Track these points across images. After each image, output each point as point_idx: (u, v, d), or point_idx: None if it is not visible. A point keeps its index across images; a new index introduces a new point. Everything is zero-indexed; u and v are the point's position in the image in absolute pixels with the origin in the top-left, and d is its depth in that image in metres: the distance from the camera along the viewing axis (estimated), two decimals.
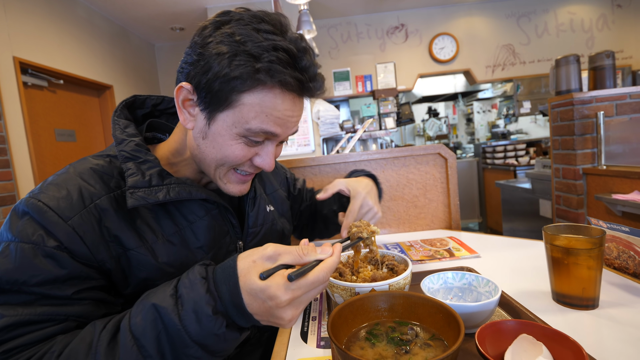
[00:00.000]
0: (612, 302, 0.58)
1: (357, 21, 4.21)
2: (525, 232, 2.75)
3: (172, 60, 4.47)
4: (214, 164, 0.55)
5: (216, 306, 0.41)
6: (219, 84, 0.49)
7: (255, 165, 0.57)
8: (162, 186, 0.53)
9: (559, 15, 4.17)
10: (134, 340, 0.40)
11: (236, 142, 0.53)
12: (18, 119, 2.38)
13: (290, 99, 0.52)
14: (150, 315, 0.41)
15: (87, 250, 0.48)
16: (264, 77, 0.48)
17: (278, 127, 0.53)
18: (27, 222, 0.46)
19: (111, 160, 0.56)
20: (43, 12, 2.70)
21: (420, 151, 1.24)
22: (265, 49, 0.47)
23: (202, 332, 0.40)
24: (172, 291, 0.42)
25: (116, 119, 0.58)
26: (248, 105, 0.50)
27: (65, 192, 0.49)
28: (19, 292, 0.43)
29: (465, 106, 5.69)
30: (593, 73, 1.91)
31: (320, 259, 0.43)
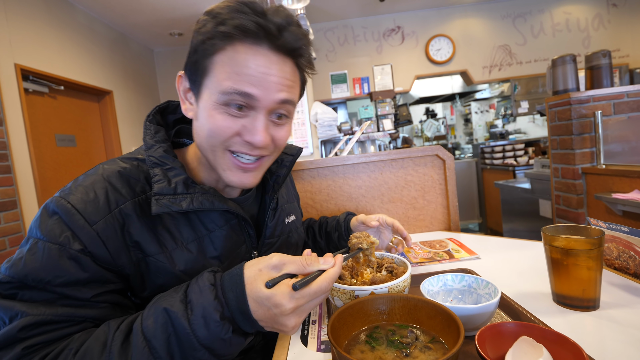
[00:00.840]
0: (613, 303, 0.58)
1: (354, 24, 4.23)
2: (525, 233, 2.75)
3: (171, 65, 4.48)
4: (207, 146, 0.54)
5: (223, 312, 0.43)
6: (195, 56, 0.51)
7: (247, 143, 0.53)
8: (186, 195, 0.54)
9: (554, 16, 4.19)
10: (146, 342, 0.41)
11: (217, 112, 0.51)
12: (19, 125, 2.38)
13: (262, 54, 0.49)
14: (162, 319, 0.42)
15: (109, 255, 0.49)
16: (225, 29, 0.48)
17: (253, 87, 0.49)
18: (56, 222, 0.47)
19: (139, 164, 0.57)
20: (44, 19, 2.72)
21: (418, 153, 1.24)
22: (224, 7, 0.49)
23: (210, 336, 0.42)
24: (182, 296, 0.44)
25: (148, 124, 0.59)
26: (219, 66, 0.49)
27: (92, 195, 0.50)
28: (43, 290, 0.45)
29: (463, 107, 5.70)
30: (590, 72, 1.92)
31: (323, 269, 0.45)
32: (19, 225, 2.27)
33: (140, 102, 4.02)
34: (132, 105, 3.84)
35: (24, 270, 0.45)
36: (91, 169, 0.56)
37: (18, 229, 2.27)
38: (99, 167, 0.55)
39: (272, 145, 0.56)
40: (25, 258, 0.45)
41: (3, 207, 2.17)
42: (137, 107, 3.94)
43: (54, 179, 2.79)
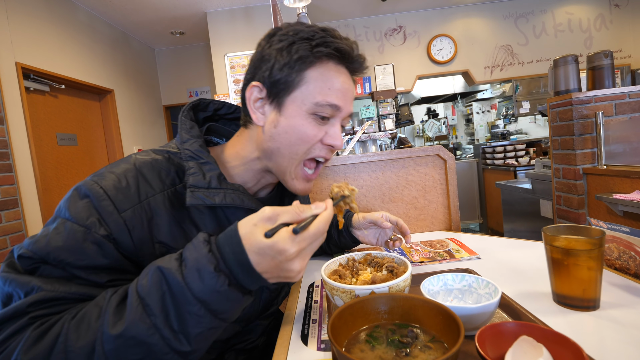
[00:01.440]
0: (613, 303, 0.58)
1: (356, 23, 4.23)
2: (526, 233, 2.74)
3: (172, 64, 4.49)
4: (288, 152, 0.58)
5: (218, 265, 0.42)
6: (284, 71, 0.56)
7: (326, 146, 0.60)
8: (219, 189, 0.56)
9: (556, 16, 4.18)
10: (140, 299, 0.41)
11: (306, 120, 0.57)
12: (20, 124, 2.39)
13: (344, 73, 0.59)
14: (156, 277, 0.42)
15: (132, 245, 0.50)
16: (321, 49, 0.55)
17: (340, 100, 0.57)
18: (85, 204, 0.49)
19: (170, 157, 0.59)
20: (45, 17, 2.72)
21: (420, 153, 1.24)
22: (315, 31, 0.56)
23: (205, 288, 0.41)
24: (177, 256, 0.44)
25: (183, 119, 0.62)
26: (312, 81, 0.56)
27: (125, 183, 0.52)
28: (61, 269, 0.46)
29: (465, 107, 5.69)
30: (592, 73, 1.91)
31: (316, 213, 0.46)
32: (20, 223, 2.28)
33: (142, 101, 4.03)
34: (134, 104, 3.85)
35: (46, 248, 0.45)
36: (124, 158, 0.58)
37: (19, 227, 2.28)
38: (132, 157, 0.57)
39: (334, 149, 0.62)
40: (49, 236, 0.46)
41: (4, 205, 2.18)
42: (138, 106, 3.95)
43: (55, 178, 2.79)
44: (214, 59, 3.53)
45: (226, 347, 0.66)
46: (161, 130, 4.43)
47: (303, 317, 0.66)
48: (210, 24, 3.52)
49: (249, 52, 3.51)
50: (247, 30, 3.52)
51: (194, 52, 4.45)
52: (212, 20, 3.52)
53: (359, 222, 0.87)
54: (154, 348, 0.41)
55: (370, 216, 0.85)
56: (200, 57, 4.43)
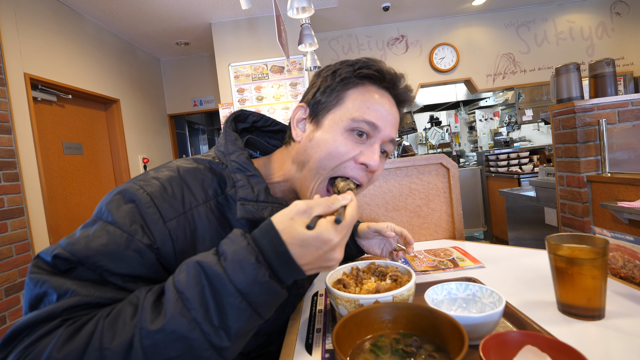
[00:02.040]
0: (618, 312, 0.58)
1: (358, 33, 4.28)
2: (531, 241, 2.72)
3: (177, 74, 4.55)
4: (316, 166, 0.58)
5: (258, 257, 0.42)
6: (327, 92, 0.59)
7: (359, 166, 0.59)
8: (267, 204, 0.56)
9: (558, 24, 4.21)
10: (178, 294, 0.40)
11: (341, 136, 0.57)
12: (27, 133, 2.43)
13: (386, 98, 0.61)
14: (194, 271, 0.41)
15: (174, 256, 0.50)
16: (363, 70, 0.58)
17: (378, 119, 0.58)
18: (130, 209, 0.48)
19: (212, 167, 0.59)
20: (53, 29, 2.78)
21: (422, 161, 1.25)
22: (359, 60, 0.61)
23: (247, 279, 0.40)
24: (214, 251, 0.43)
25: (228, 130, 0.63)
26: (351, 100, 0.58)
27: (170, 191, 0.52)
28: (98, 274, 0.45)
29: (467, 114, 5.70)
30: (594, 81, 1.92)
31: (345, 204, 0.47)
32: (25, 232, 2.30)
33: (147, 110, 4.08)
34: (139, 113, 3.89)
35: (86, 250, 0.44)
36: (166, 164, 0.58)
37: (25, 236, 2.29)
38: (174, 163, 0.58)
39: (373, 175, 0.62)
40: (89, 238, 0.45)
41: (10, 214, 2.20)
42: (144, 115, 3.99)
43: (61, 187, 2.82)
44: (219, 68, 3.58)
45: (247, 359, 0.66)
46: (166, 139, 4.48)
47: (307, 326, 0.66)
48: (214, 35, 3.58)
49: (252, 62, 3.55)
50: (250, 41, 3.57)
51: (198, 62, 4.51)
52: (217, 31, 3.58)
53: (364, 232, 0.87)
54: (194, 343, 0.39)
55: (375, 225, 0.85)
56: (204, 67, 4.49)
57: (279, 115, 3.56)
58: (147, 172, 0.55)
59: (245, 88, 3.56)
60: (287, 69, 3.55)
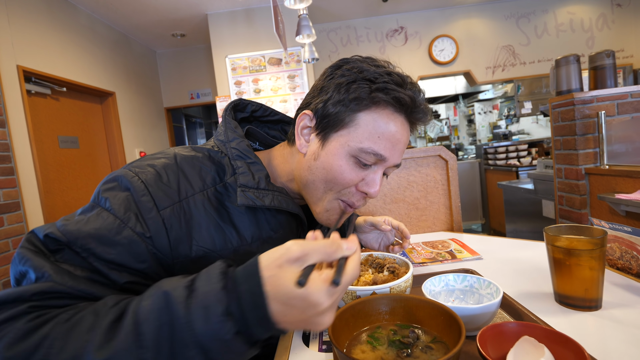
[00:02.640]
0: (615, 303, 0.58)
1: (357, 25, 4.23)
2: (528, 233, 2.73)
3: (173, 66, 4.50)
4: (323, 187, 0.57)
5: (229, 307, 0.36)
6: (337, 107, 0.54)
7: (360, 192, 0.57)
8: (268, 191, 0.56)
9: (558, 16, 4.18)
10: (136, 325, 0.36)
11: (346, 162, 0.55)
12: (22, 127, 2.40)
13: (400, 121, 0.56)
14: (159, 302, 0.37)
15: (168, 245, 0.49)
16: (379, 95, 0.53)
17: (387, 150, 0.55)
18: (126, 197, 0.47)
19: (210, 155, 0.58)
20: (46, 20, 2.74)
21: (421, 153, 1.24)
22: (379, 74, 0.54)
23: (208, 332, 0.35)
24: (189, 283, 0.38)
25: (227, 118, 0.61)
26: (362, 125, 0.54)
27: (165, 179, 0.51)
28: (83, 259, 0.43)
29: (466, 107, 5.68)
30: (593, 73, 1.91)
31: (347, 255, 0.40)
32: (22, 226, 2.29)
33: (143, 103, 4.04)
34: (135, 106, 3.86)
35: (77, 232, 0.44)
36: (163, 151, 0.57)
37: (21, 230, 2.28)
38: (171, 150, 0.56)
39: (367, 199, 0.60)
40: (84, 221, 0.45)
41: (6, 208, 2.19)
42: (140, 109, 3.96)
43: (57, 181, 2.80)
44: (215, 60, 3.54)
45: None
46: (162, 133, 4.45)
47: None
48: (211, 26, 3.54)
49: (250, 53, 3.52)
50: (248, 32, 3.53)
51: (195, 54, 4.46)
52: (213, 22, 3.53)
53: (361, 226, 0.86)
54: None
55: (372, 219, 0.85)
56: (201, 59, 4.45)
57: (276, 108, 3.54)
58: (144, 158, 0.55)
59: (243, 80, 3.53)
60: (284, 61, 3.51)
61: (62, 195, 2.83)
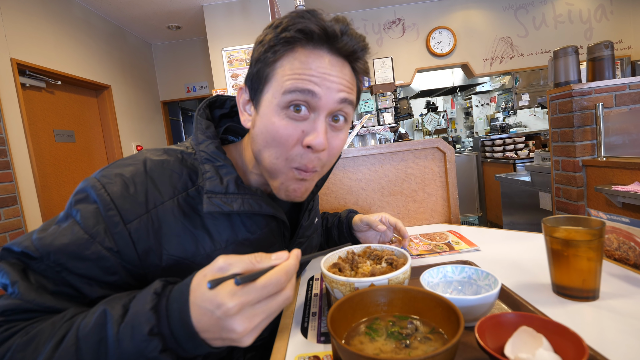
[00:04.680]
0: (612, 293, 0.58)
1: (354, 16, 4.19)
2: (525, 225, 2.75)
3: (169, 59, 4.45)
4: (267, 155, 0.52)
5: (157, 325, 0.38)
6: (257, 66, 0.51)
7: (307, 149, 0.51)
8: (237, 195, 0.53)
9: (557, 7, 4.15)
10: (76, 341, 0.38)
11: (279, 117, 0.50)
12: (17, 121, 2.37)
13: (322, 57, 0.49)
14: (98, 320, 0.39)
15: (137, 257, 0.48)
16: (286, 34, 0.48)
17: (315, 85, 0.48)
18: (93, 211, 0.47)
19: (183, 158, 0.56)
20: (39, 12, 2.69)
21: (419, 145, 1.24)
22: (285, 16, 0.50)
23: (133, 350, 0.37)
24: (127, 301, 0.41)
25: (199, 119, 0.58)
26: (280, 72, 0.49)
27: (132, 190, 0.50)
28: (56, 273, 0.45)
29: (464, 100, 5.67)
30: (592, 64, 1.90)
31: (275, 264, 0.39)
32: (19, 221, 2.28)
33: (139, 96, 4.00)
34: (131, 100, 3.82)
35: (49, 247, 0.45)
36: (134, 156, 0.55)
37: (19, 224, 2.27)
38: (142, 155, 0.54)
39: (326, 153, 0.53)
40: (56, 236, 0.46)
41: (3, 203, 2.18)
42: (136, 102, 3.92)
43: (54, 175, 2.78)
44: (212, 53, 3.50)
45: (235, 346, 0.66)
46: (159, 127, 4.41)
47: (303, 310, 0.66)
48: (207, 18, 3.49)
49: (246, 46, 3.48)
50: (244, 24, 3.49)
51: (191, 46, 4.41)
52: (209, 13, 3.49)
53: (357, 225, 0.86)
54: None
55: (367, 218, 0.84)
56: (197, 51, 4.40)
57: None
58: (115, 164, 0.53)
59: (239, 73, 3.49)
60: None
61: (59, 190, 2.81)
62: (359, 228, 0.86)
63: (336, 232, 0.91)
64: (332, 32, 0.49)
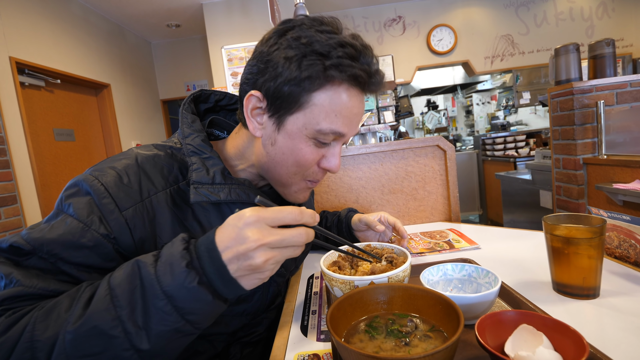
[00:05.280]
0: (613, 291, 0.58)
1: (354, 14, 4.18)
2: (525, 224, 2.75)
3: (168, 57, 4.44)
4: (285, 172, 0.56)
5: (191, 262, 0.40)
6: (290, 87, 0.50)
7: (322, 169, 0.58)
8: (224, 185, 0.54)
9: (558, 4, 4.13)
10: (109, 289, 0.40)
11: (306, 144, 0.54)
12: (16, 120, 2.37)
13: (355, 95, 0.53)
14: (130, 269, 0.41)
15: (133, 244, 0.49)
16: (334, 73, 0.49)
17: (346, 127, 0.54)
18: (87, 202, 0.48)
19: (172, 152, 0.57)
20: (38, 11, 2.69)
21: (419, 143, 1.23)
22: (332, 46, 0.49)
23: (173, 282, 0.39)
24: (156, 252, 0.43)
25: (184, 112, 0.59)
26: (319, 105, 0.51)
27: (126, 180, 0.50)
28: (50, 263, 0.45)
29: (465, 98, 5.66)
30: (593, 62, 1.89)
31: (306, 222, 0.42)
32: (19, 220, 2.28)
33: (139, 95, 4.00)
34: (130, 98, 3.82)
35: (41, 239, 0.44)
36: (125, 152, 0.56)
37: (19, 223, 2.27)
38: (132, 151, 0.55)
39: None
40: (48, 229, 0.45)
41: (3, 202, 2.18)
42: (136, 101, 3.92)
43: (54, 174, 2.78)
44: (211, 51, 3.50)
45: (232, 340, 0.66)
46: (159, 125, 4.41)
47: (303, 308, 0.65)
48: (206, 16, 3.48)
49: (246, 44, 3.47)
50: (244, 22, 3.48)
51: (190, 45, 4.40)
52: (208, 12, 3.48)
53: (356, 224, 0.86)
54: (115, 341, 0.38)
55: (366, 218, 0.84)
56: (197, 50, 4.39)
57: None
58: (106, 160, 0.53)
59: (239, 72, 3.49)
60: None
61: (59, 189, 2.81)
62: (358, 228, 0.86)
63: (335, 231, 0.91)
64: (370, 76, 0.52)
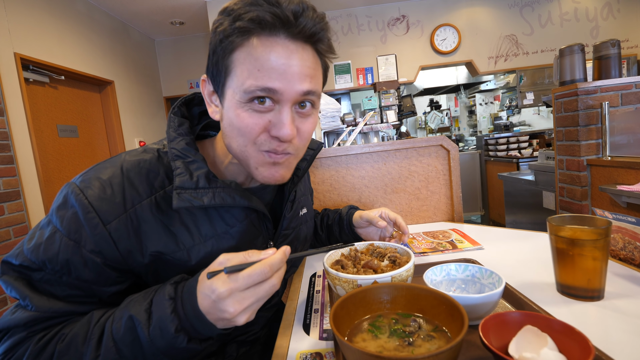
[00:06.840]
0: (617, 293, 0.57)
1: (358, 13, 4.17)
2: (528, 225, 2.74)
3: (172, 55, 4.45)
4: (236, 145, 0.52)
5: (180, 324, 0.45)
6: (215, 57, 0.50)
7: (274, 138, 0.51)
8: (208, 189, 0.53)
9: (563, 5, 4.11)
10: (114, 343, 0.46)
11: (242, 110, 0.49)
12: (20, 116, 2.38)
13: (280, 45, 0.47)
14: (128, 324, 0.46)
15: (119, 255, 0.50)
16: (239, 23, 0.46)
17: (275, 80, 0.47)
18: (73, 216, 0.49)
19: (159, 156, 0.56)
20: (43, 7, 2.69)
21: (422, 143, 1.23)
22: (240, 3, 0.47)
23: (167, 345, 0.45)
24: (147, 306, 0.47)
25: (172, 117, 0.58)
26: (239, 65, 0.48)
27: (109, 192, 0.50)
28: (58, 278, 0.49)
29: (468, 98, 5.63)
30: (598, 63, 1.88)
31: (262, 258, 0.45)
32: (22, 215, 2.29)
33: (142, 92, 4.00)
34: (134, 95, 3.83)
35: (43, 257, 0.48)
36: (113, 158, 0.56)
37: (22, 219, 2.28)
38: (120, 158, 0.55)
39: (297, 139, 0.53)
40: (45, 245, 0.48)
41: (7, 197, 2.19)
42: (139, 98, 3.92)
43: (57, 170, 2.79)
44: None
45: (228, 339, 0.66)
46: (162, 122, 4.42)
47: (305, 307, 0.65)
48: (210, 14, 3.48)
49: None
50: None
51: (194, 42, 4.40)
52: (212, 9, 3.47)
53: (357, 221, 0.86)
54: None
55: (367, 215, 0.84)
56: (200, 47, 4.39)
57: None
58: (93, 168, 0.53)
59: None
60: None
61: (62, 185, 2.81)
62: (360, 224, 0.86)
63: (337, 228, 0.90)
64: (286, 17, 0.46)
